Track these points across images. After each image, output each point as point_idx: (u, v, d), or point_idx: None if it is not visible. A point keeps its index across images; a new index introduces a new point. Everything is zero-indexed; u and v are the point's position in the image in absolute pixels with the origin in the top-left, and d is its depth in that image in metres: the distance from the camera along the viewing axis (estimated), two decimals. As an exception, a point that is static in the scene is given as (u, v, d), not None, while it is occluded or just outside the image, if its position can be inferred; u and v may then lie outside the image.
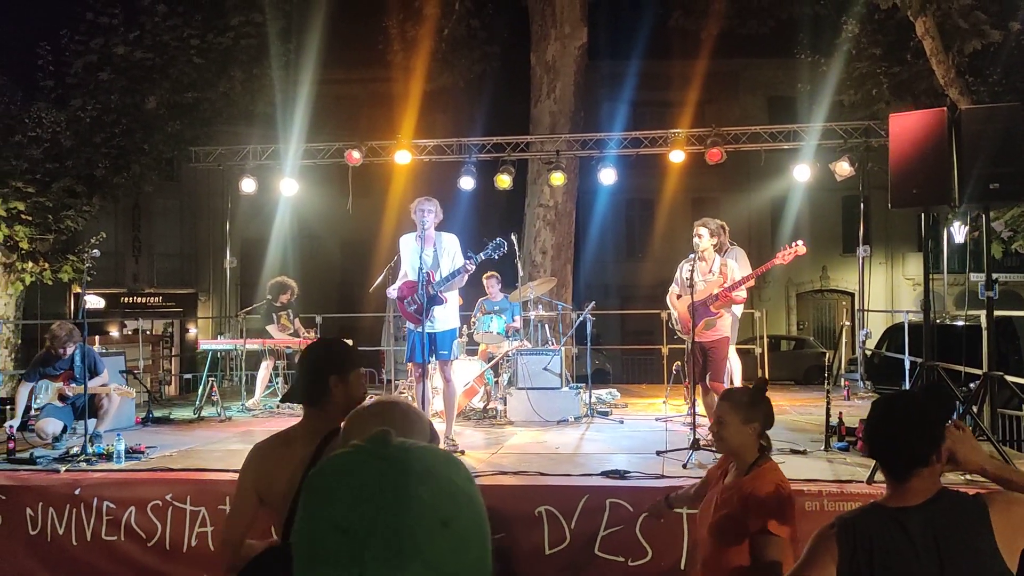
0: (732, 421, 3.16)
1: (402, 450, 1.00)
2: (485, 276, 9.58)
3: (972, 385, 7.25)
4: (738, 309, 9.20)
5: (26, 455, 6.23)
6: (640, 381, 15.95)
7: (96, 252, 6.95)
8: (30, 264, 10.86)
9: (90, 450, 6.21)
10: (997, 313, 6.02)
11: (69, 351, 7.10)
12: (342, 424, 2.30)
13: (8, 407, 8.44)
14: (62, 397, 7.12)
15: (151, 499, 5.44)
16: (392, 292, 7.05)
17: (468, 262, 6.60)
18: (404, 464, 0.97)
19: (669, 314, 7.68)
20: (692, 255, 6.92)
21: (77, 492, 5.53)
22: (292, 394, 2.86)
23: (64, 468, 5.85)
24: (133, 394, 7.85)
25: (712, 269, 6.95)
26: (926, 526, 2.19)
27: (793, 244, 6.86)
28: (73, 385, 7.09)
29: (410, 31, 14.48)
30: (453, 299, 6.97)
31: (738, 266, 7.39)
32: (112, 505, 5.48)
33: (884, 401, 2.43)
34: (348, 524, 0.93)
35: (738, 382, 9.33)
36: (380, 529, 0.92)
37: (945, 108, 5.74)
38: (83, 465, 5.97)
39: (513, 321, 9.27)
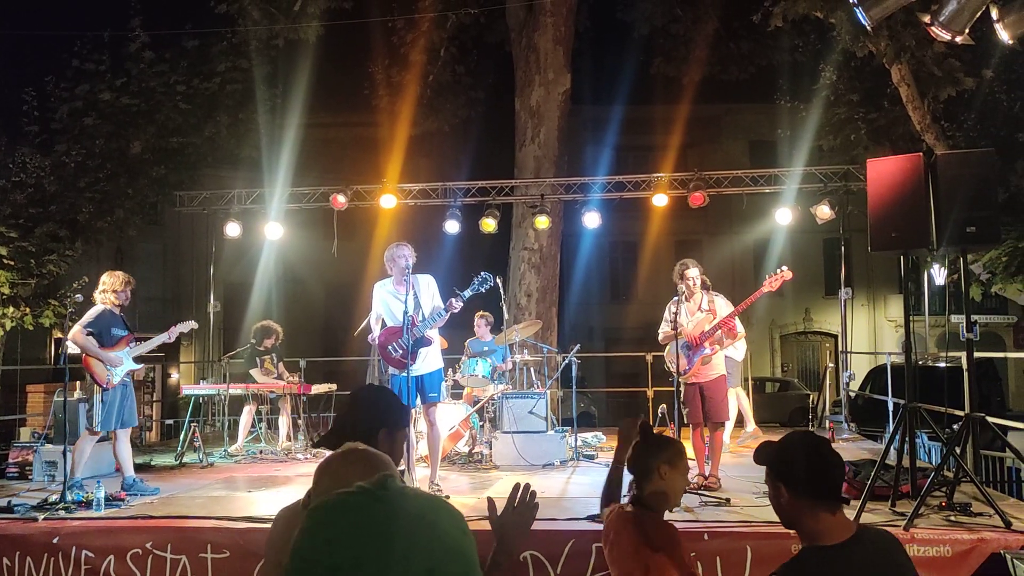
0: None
1: (399, 495, 1.00)
2: (477, 315, 9.58)
3: (955, 426, 7.29)
4: (741, 350, 9.26)
5: (4, 503, 6.13)
6: (625, 424, 15.89)
7: (79, 297, 6.91)
8: (11, 309, 10.76)
9: (69, 498, 6.11)
10: (978, 355, 6.07)
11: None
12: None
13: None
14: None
15: (131, 547, 5.35)
16: (373, 340, 7.03)
17: (456, 300, 6.59)
18: (398, 509, 0.98)
19: (663, 356, 7.66)
20: (676, 296, 6.96)
21: (55, 541, 5.44)
22: (330, 441, 2.45)
23: (42, 516, 5.76)
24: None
25: (701, 306, 6.98)
26: (866, 561, 2.22)
27: (779, 270, 6.91)
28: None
29: (396, 77, 14.64)
30: (436, 340, 6.97)
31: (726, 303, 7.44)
32: (91, 554, 5.38)
33: (806, 437, 2.47)
34: (337, 562, 0.93)
35: (750, 417, 9.44)
36: (366, 570, 0.92)
37: (921, 153, 5.85)
38: (62, 513, 5.87)
39: (502, 363, 9.25)
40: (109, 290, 6.98)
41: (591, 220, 11.37)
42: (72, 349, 6.80)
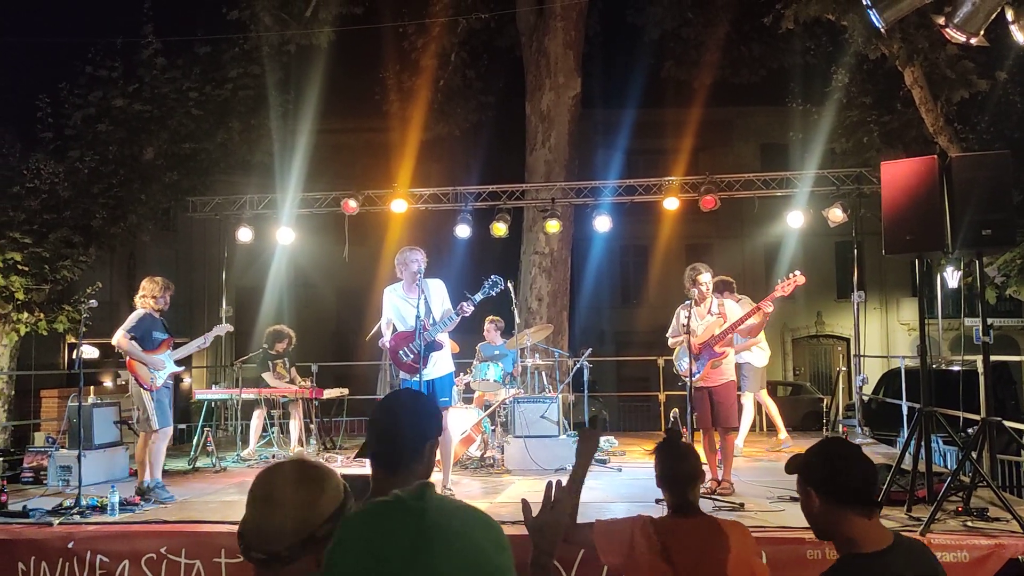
0: None
1: (437, 505, 0.98)
2: (487, 319, 9.58)
3: (970, 431, 7.24)
4: (762, 356, 9.18)
5: (18, 508, 6.16)
6: (636, 428, 15.87)
7: (93, 302, 6.95)
8: (25, 314, 10.83)
9: (83, 502, 6.14)
10: (993, 358, 6.02)
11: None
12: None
13: (2, 459, 8.37)
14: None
15: (145, 552, 5.37)
16: (385, 344, 7.03)
17: (466, 304, 6.59)
18: (438, 523, 0.96)
19: (673, 360, 7.62)
20: (688, 301, 6.94)
21: (70, 545, 5.47)
22: (383, 456, 2.24)
23: (57, 521, 5.79)
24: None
25: (711, 310, 6.96)
26: (905, 571, 2.20)
27: (792, 275, 6.87)
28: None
29: (407, 82, 14.68)
30: (448, 344, 6.97)
31: (739, 308, 7.40)
32: (106, 559, 5.41)
33: (836, 442, 2.48)
34: (374, 572, 0.92)
35: (780, 424, 9.36)
36: None
37: (935, 156, 5.82)
38: (76, 518, 5.91)
39: (513, 367, 9.25)
40: (149, 295, 7.08)
41: (602, 224, 11.35)
42: (88, 354, 6.85)
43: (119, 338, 6.88)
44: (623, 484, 7.45)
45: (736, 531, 3.04)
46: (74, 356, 6.88)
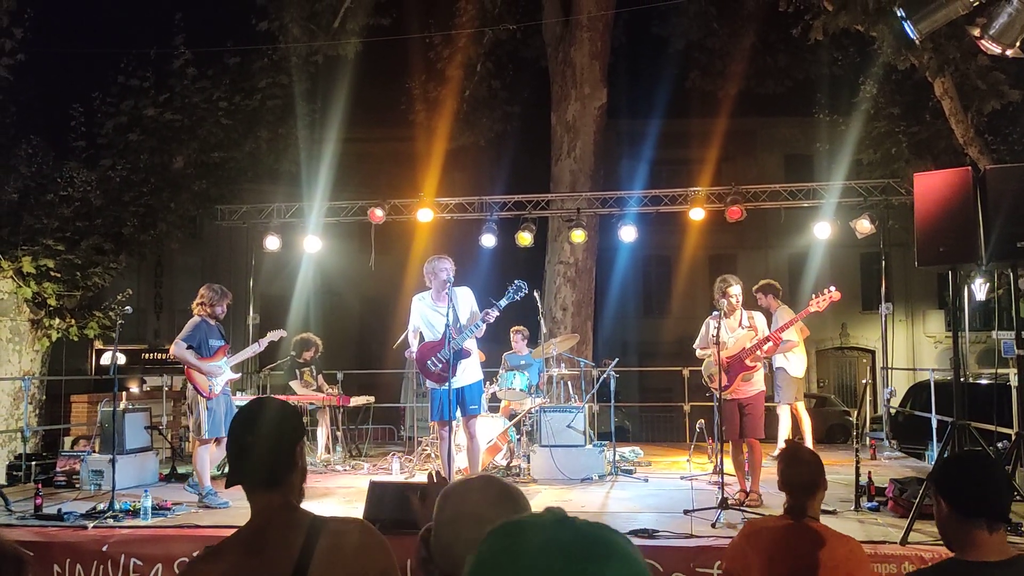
0: None
1: (583, 529, 0.94)
2: (512, 330, 9.61)
3: (999, 444, 7.17)
4: (798, 365, 9.06)
5: (54, 511, 6.25)
6: (660, 439, 15.82)
7: (128, 308, 7.04)
8: (57, 320, 10.98)
9: (117, 506, 6.22)
10: (1026, 371, 5.97)
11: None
12: (433, 512, 1.75)
13: (35, 463, 8.48)
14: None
15: (179, 556, 5.43)
16: (410, 354, 7.07)
17: (491, 310, 6.63)
18: (590, 544, 0.92)
19: (699, 371, 7.59)
20: (716, 312, 6.91)
21: (105, 548, 5.54)
22: (244, 473, 2.01)
23: (92, 524, 5.87)
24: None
25: (741, 323, 6.94)
26: None
27: (827, 291, 6.82)
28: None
29: (433, 92, 14.76)
30: (475, 352, 7.00)
31: (779, 321, 7.36)
32: (139, 562, 5.47)
33: (974, 454, 2.54)
34: None
35: (809, 439, 9.25)
36: None
37: (969, 167, 5.79)
38: (110, 521, 5.98)
39: (539, 377, 9.26)
40: (207, 303, 7.13)
41: (627, 234, 11.36)
42: (122, 360, 6.94)
43: (175, 347, 7.00)
44: (650, 494, 7.43)
45: (841, 543, 3.11)
46: (102, 362, 6.98)
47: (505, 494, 1.72)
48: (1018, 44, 4.71)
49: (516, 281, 6.83)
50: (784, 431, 9.16)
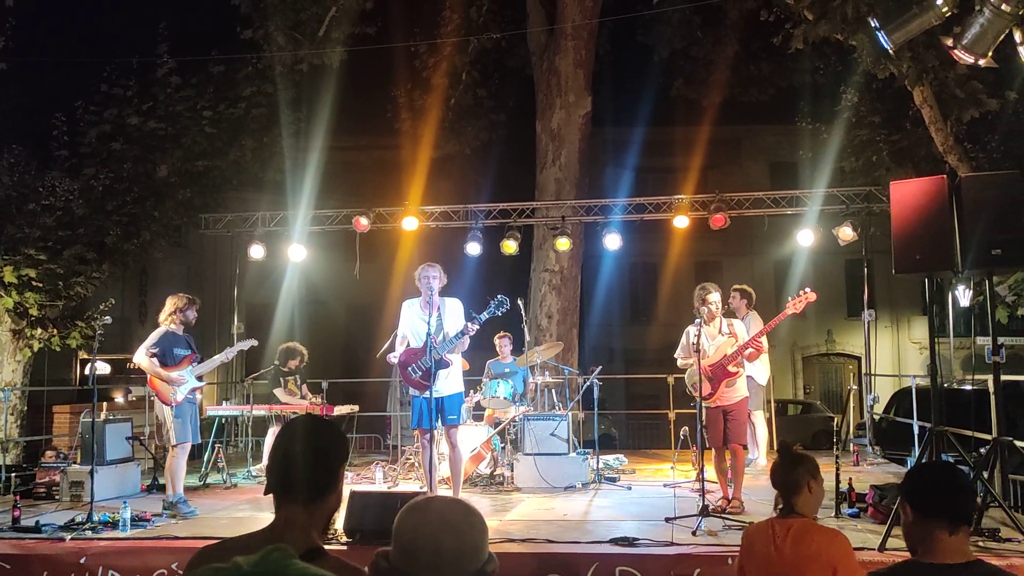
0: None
1: None
2: (497, 336, 9.61)
3: (982, 450, 7.21)
4: (763, 373, 9.12)
5: (32, 523, 6.20)
6: (646, 446, 15.84)
7: (108, 319, 7.01)
8: (39, 330, 10.91)
9: (96, 518, 6.18)
10: (1005, 377, 6.01)
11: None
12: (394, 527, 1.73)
13: (15, 474, 8.41)
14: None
15: (157, 568, 5.40)
16: (393, 359, 7.08)
17: (471, 323, 6.65)
18: None
19: (683, 378, 7.60)
20: (697, 319, 6.93)
21: (83, 561, 5.50)
22: (280, 481, 2.03)
23: (70, 536, 5.83)
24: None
25: (721, 330, 6.96)
26: None
27: (803, 292, 6.86)
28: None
29: (418, 100, 14.78)
30: (458, 363, 7.00)
31: (751, 327, 7.39)
32: (117, 574, 5.44)
33: (938, 463, 2.60)
34: None
35: (763, 447, 9.27)
36: None
37: (945, 175, 5.84)
38: (88, 533, 5.94)
39: (523, 385, 9.26)
40: (173, 311, 7.14)
41: (612, 242, 11.38)
42: (99, 370, 6.90)
43: (138, 356, 7.01)
44: (632, 502, 7.44)
45: (825, 535, 3.23)
46: (86, 372, 6.94)
47: (455, 519, 1.69)
48: (990, 54, 4.75)
49: (499, 295, 6.85)
50: (762, 438, 9.21)
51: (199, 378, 7.23)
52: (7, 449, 9.52)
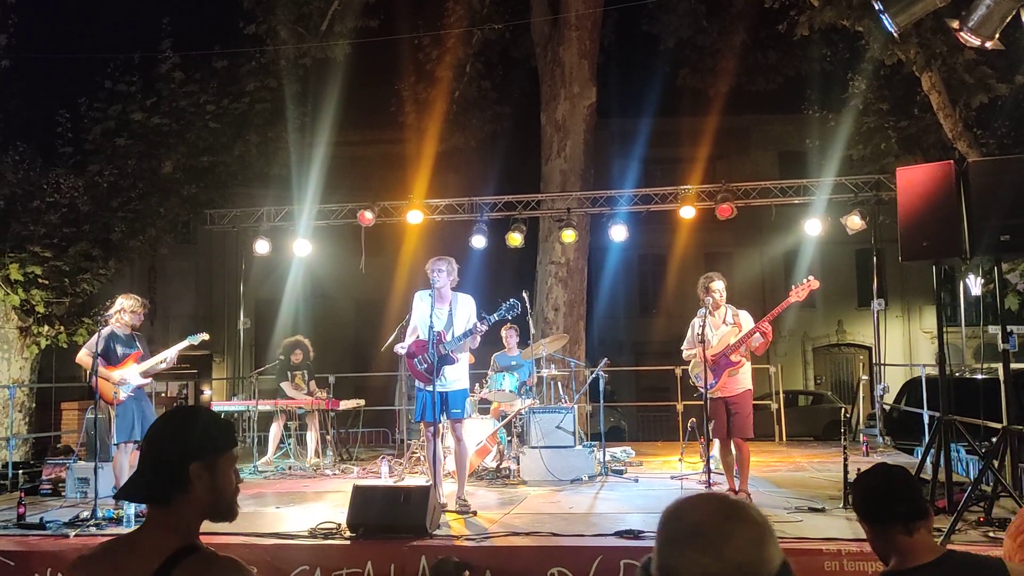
0: None
1: None
2: (504, 328, 9.55)
3: (992, 439, 7.12)
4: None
5: (36, 520, 6.20)
6: (655, 438, 15.77)
7: (109, 315, 6.99)
8: (46, 328, 10.93)
9: (100, 514, 6.17)
10: (1015, 366, 5.94)
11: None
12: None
13: (22, 471, 8.43)
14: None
15: (159, 564, 5.37)
16: (401, 349, 7.04)
17: (481, 323, 6.60)
18: None
19: (689, 371, 7.52)
20: (702, 311, 6.86)
21: (85, 557, 5.47)
22: (130, 491, 1.89)
23: (73, 533, 5.82)
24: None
25: (726, 320, 6.89)
26: None
27: (806, 280, 6.79)
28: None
29: (422, 93, 14.73)
30: (463, 358, 6.95)
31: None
32: (120, 570, 5.41)
33: (875, 467, 2.52)
34: None
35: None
36: None
37: (952, 161, 5.75)
38: (93, 530, 5.93)
39: (529, 377, 9.21)
40: (122, 311, 7.15)
41: (618, 233, 11.32)
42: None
43: (79, 356, 7.11)
44: (638, 495, 7.40)
45: None
46: (90, 370, 6.93)
47: (726, 510, 1.50)
48: (997, 36, 4.67)
49: (512, 299, 6.79)
50: None
51: (145, 375, 7.19)
52: (13, 446, 9.54)
